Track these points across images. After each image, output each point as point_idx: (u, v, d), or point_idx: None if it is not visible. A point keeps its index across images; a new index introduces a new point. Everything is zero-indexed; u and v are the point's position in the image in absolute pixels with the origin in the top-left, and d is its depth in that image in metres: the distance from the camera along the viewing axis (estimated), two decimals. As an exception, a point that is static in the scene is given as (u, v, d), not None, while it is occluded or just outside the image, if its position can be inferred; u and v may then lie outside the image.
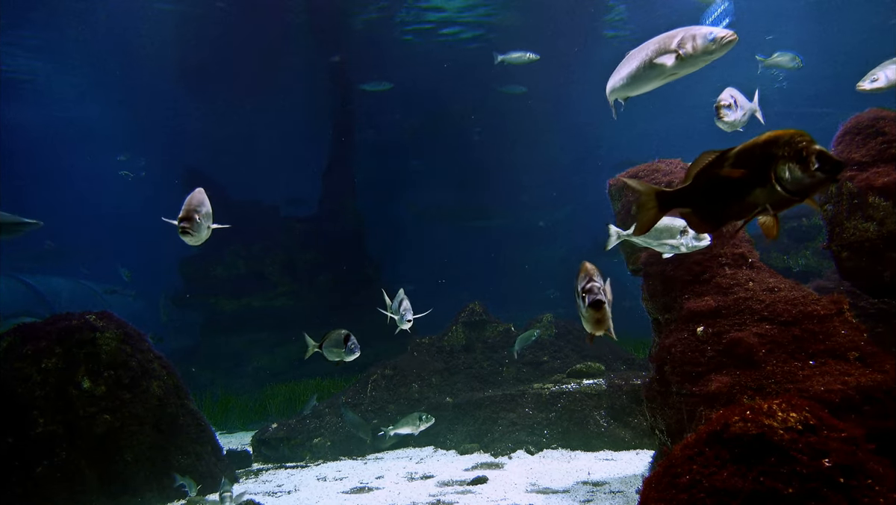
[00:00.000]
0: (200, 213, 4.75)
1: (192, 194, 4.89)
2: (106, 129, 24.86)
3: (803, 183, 2.51)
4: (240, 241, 18.04)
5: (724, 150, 2.77)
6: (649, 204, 3.09)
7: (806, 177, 2.49)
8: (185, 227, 4.65)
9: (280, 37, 18.30)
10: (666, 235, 4.46)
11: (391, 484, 7.33)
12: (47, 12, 15.84)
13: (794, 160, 2.51)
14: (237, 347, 17.09)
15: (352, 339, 5.81)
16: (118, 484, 6.80)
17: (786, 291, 4.63)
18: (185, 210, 4.73)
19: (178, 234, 4.73)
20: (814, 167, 2.47)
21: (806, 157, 2.48)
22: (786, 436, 2.77)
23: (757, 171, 2.62)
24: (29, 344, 6.89)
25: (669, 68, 4.04)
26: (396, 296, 5.85)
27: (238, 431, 12.38)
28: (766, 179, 2.58)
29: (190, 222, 4.66)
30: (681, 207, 3.02)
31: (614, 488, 6.25)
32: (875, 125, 5.04)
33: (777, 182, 2.56)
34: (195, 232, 4.70)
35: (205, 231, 4.81)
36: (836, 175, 2.46)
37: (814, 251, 11.10)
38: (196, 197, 4.85)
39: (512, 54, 13.38)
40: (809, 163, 2.47)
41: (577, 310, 3.56)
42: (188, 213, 4.70)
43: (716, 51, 3.90)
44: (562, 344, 10.76)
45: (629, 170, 6.39)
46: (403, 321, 5.69)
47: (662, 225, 4.43)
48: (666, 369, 4.73)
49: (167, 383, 7.48)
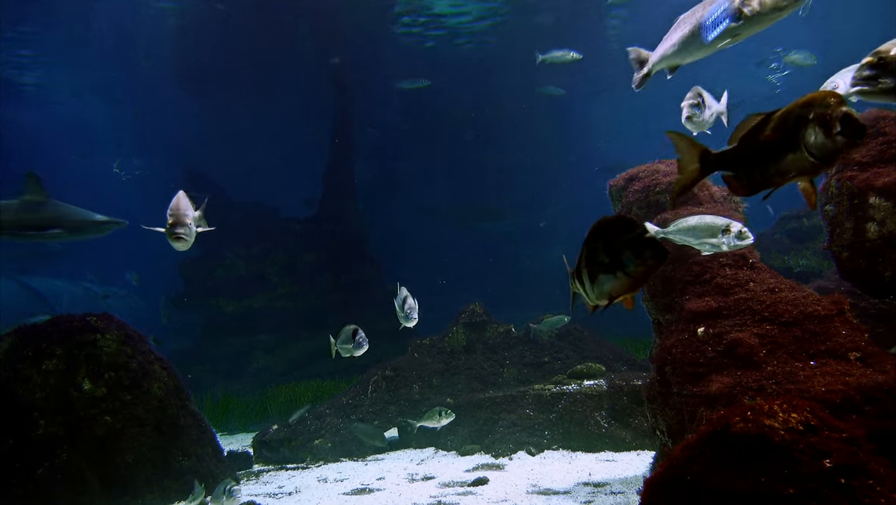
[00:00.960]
0: (190, 218, 4.70)
1: (178, 199, 4.79)
2: (105, 129, 24.88)
3: (826, 148, 2.41)
4: (240, 243, 18.05)
5: (770, 112, 2.66)
6: (691, 165, 2.90)
7: (828, 141, 2.39)
8: (180, 233, 4.61)
9: (280, 38, 18.33)
10: (707, 234, 4.32)
11: (392, 485, 7.33)
12: (46, 12, 15.86)
13: (819, 123, 2.41)
14: (238, 349, 17.09)
15: (360, 333, 5.83)
16: (119, 485, 6.80)
17: (786, 291, 4.63)
18: (175, 216, 4.66)
19: (169, 240, 4.67)
20: (836, 131, 2.36)
21: (830, 121, 2.38)
22: (787, 436, 2.77)
23: (790, 135, 2.51)
24: (30, 346, 6.89)
25: (730, 30, 3.48)
26: (399, 293, 5.83)
27: (239, 433, 12.38)
28: (797, 144, 2.48)
29: (184, 228, 4.62)
30: (723, 170, 2.87)
31: (615, 489, 6.25)
32: (875, 125, 5.04)
33: (804, 147, 2.46)
34: (189, 237, 4.65)
35: (193, 236, 4.76)
36: (858, 140, 2.35)
37: (814, 252, 11.10)
38: (182, 202, 4.78)
39: (554, 53, 13.16)
40: (833, 126, 2.37)
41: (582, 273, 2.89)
42: (180, 219, 4.64)
43: (787, 6, 3.35)
44: (562, 345, 10.76)
45: (629, 171, 6.39)
46: (409, 319, 5.67)
47: (703, 224, 4.32)
48: (667, 370, 4.73)
49: (168, 385, 7.48)
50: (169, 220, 4.69)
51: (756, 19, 3.42)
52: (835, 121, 2.38)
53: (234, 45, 18.33)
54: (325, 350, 6.33)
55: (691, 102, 4.85)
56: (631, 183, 6.19)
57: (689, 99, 4.86)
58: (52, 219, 8.10)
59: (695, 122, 4.83)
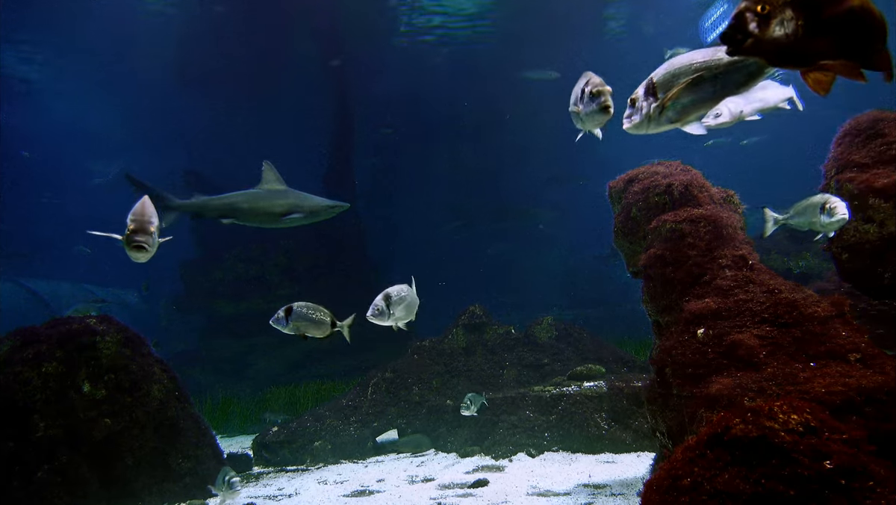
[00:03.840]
0: (154, 226, 4.18)
1: (142, 203, 4.27)
2: (105, 131, 24.88)
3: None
4: (240, 244, 18.03)
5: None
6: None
7: None
8: (141, 241, 4.06)
9: (280, 40, 18.35)
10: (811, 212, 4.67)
11: (392, 487, 7.32)
12: (45, 12, 15.87)
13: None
14: (237, 351, 17.08)
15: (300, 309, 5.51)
16: (119, 488, 6.80)
17: (786, 292, 4.63)
18: (138, 222, 4.11)
19: (126, 249, 4.12)
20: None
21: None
22: (787, 438, 2.77)
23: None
24: (29, 348, 6.89)
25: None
26: (391, 293, 5.53)
27: (238, 435, 12.37)
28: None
29: (146, 236, 4.08)
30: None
31: (615, 491, 6.25)
32: (875, 127, 5.05)
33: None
34: (150, 247, 4.13)
35: (156, 246, 4.24)
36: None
37: (814, 253, 11.10)
38: (147, 207, 4.25)
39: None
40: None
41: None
42: (142, 225, 4.09)
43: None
44: (562, 346, 10.76)
45: (628, 172, 6.39)
46: (384, 316, 5.36)
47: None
48: (666, 371, 4.73)
49: (167, 387, 7.48)
50: (129, 225, 4.13)
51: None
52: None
53: (234, 46, 18.34)
54: (325, 351, 6.29)
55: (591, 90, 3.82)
56: (630, 185, 6.19)
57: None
58: (294, 205, 8.87)
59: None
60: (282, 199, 8.91)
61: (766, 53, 2.36)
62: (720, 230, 5.18)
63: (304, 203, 8.94)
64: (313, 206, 8.95)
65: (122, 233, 4.20)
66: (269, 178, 9.10)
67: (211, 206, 9.11)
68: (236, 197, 9.10)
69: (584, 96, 3.82)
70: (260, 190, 9.06)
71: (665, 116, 3.35)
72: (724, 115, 5.22)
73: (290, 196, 8.98)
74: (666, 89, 3.28)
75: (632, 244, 6.08)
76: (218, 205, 9.08)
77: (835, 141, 5.36)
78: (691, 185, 5.75)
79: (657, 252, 5.32)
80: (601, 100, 3.73)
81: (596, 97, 3.75)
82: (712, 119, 5.16)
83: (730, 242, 5.14)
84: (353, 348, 16.05)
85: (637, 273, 5.86)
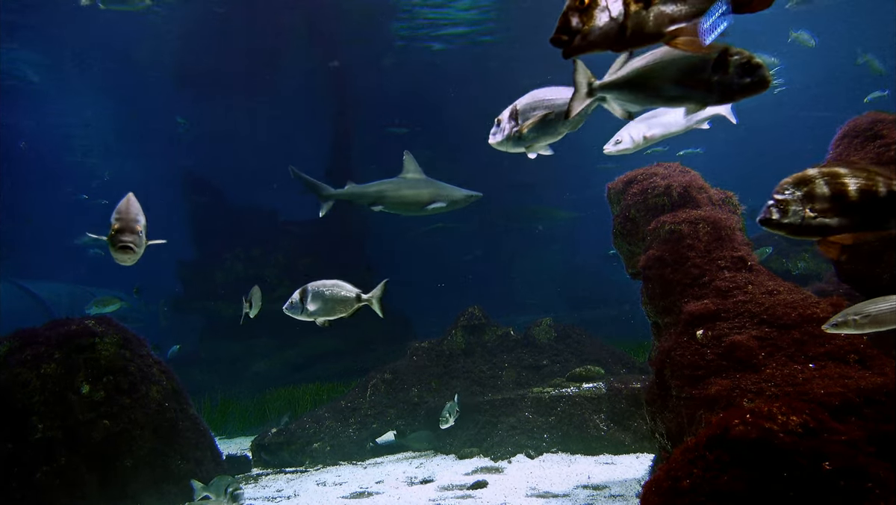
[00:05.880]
0: (141, 225, 3.86)
1: (128, 201, 3.94)
2: (104, 132, 24.87)
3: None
4: (239, 246, 18.02)
5: None
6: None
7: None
8: (127, 241, 3.74)
9: (279, 41, 18.34)
10: None
11: (391, 489, 7.31)
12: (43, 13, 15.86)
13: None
14: (236, 352, 17.05)
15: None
16: (117, 489, 6.78)
17: (785, 293, 4.64)
18: (123, 221, 3.79)
19: (111, 251, 3.81)
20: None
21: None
22: (786, 439, 2.77)
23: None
24: (28, 349, 6.88)
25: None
26: (309, 289, 5.10)
27: (237, 436, 12.36)
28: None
29: (132, 235, 3.77)
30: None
31: (615, 492, 6.25)
32: (873, 128, 5.05)
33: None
34: (138, 248, 3.82)
35: (143, 247, 3.91)
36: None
37: (813, 254, 11.10)
38: (133, 205, 3.93)
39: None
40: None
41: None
42: (128, 225, 3.78)
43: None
44: (561, 347, 10.76)
45: (627, 174, 6.40)
46: (297, 310, 4.90)
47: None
48: (666, 373, 4.73)
49: (166, 388, 7.46)
50: (114, 224, 3.80)
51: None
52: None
53: (233, 47, 18.33)
54: (325, 353, 6.26)
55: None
56: (629, 186, 6.20)
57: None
58: (436, 194, 9.24)
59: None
60: (424, 188, 9.29)
61: (596, 45, 2.32)
62: (719, 231, 5.18)
63: (445, 193, 9.30)
64: (454, 196, 9.28)
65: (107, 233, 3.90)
66: (409, 167, 9.46)
67: (361, 195, 9.60)
68: (384, 186, 9.48)
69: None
70: (403, 179, 9.43)
71: (522, 140, 3.91)
72: (624, 142, 5.24)
73: (431, 186, 9.34)
74: (525, 118, 3.85)
75: (631, 246, 6.09)
76: (367, 193, 9.52)
77: (833, 142, 5.36)
78: (690, 187, 5.75)
79: (656, 253, 5.33)
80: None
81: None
82: (612, 146, 5.26)
83: (729, 244, 5.15)
84: (353, 350, 16.10)
85: (636, 274, 5.86)
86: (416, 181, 9.39)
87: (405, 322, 17.41)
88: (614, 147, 5.32)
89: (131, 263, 3.90)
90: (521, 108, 3.86)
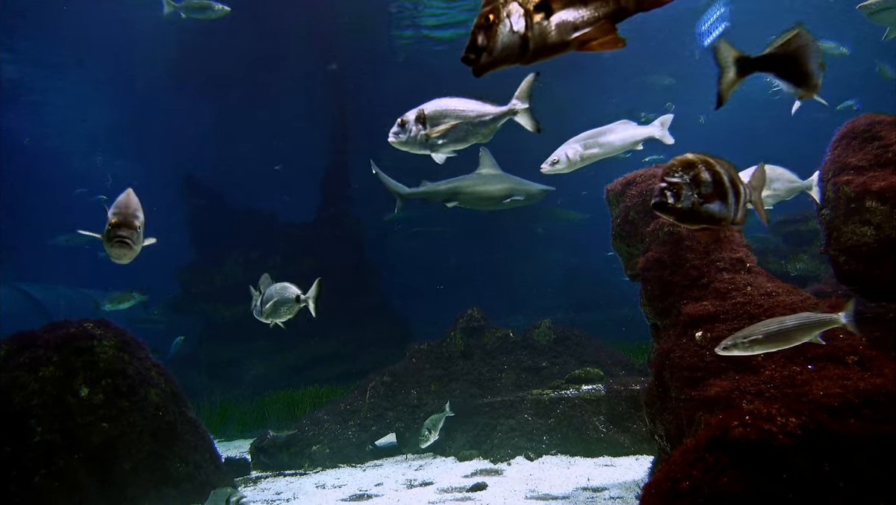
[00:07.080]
0: (140, 221, 3.74)
1: (127, 195, 3.81)
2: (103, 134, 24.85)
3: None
4: (238, 249, 18.00)
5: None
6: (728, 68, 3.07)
7: None
8: (124, 236, 3.61)
9: (278, 43, 18.35)
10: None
11: (390, 491, 7.30)
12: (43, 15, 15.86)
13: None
14: (235, 355, 17.02)
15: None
16: (116, 492, 6.77)
17: (784, 295, 4.64)
18: (121, 215, 3.65)
19: (106, 247, 3.67)
20: None
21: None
22: (785, 440, 2.77)
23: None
24: (27, 352, 6.86)
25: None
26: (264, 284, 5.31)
27: (236, 439, 12.34)
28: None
29: (129, 230, 3.63)
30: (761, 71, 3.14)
31: (614, 494, 6.24)
32: (871, 129, 5.06)
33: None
34: (135, 245, 3.69)
35: (140, 245, 3.78)
36: None
37: (811, 255, 11.11)
38: (132, 200, 3.79)
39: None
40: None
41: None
42: (126, 220, 3.64)
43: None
44: (560, 349, 10.75)
45: (626, 175, 6.40)
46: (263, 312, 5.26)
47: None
48: (665, 374, 4.73)
49: (165, 391, 7.45)
50: (111, 219, 3.64)
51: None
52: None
53: (233, 50, 18.34)
54: (324, 355, 6.23)
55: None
56: (628, 188, 6.20)
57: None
58: (512, 189, 9.34)
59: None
60: (500, 183, 9.35)
61: (502, 60, 2.28)
62: (718, 233, 5.18)
63: (520, 187, 9.40)
64: (529, 191, 9.41)
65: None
66: (485, 162, 9.52)
67: (436, 192, 9.60)
68: (459, 182, 9.51)
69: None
70: (478, 175, 9.49)
71: (428, 143, 4.12)
72: (561, 163, 5.26)
73: (506, 180, 9.42)
74: (434, 123, 4.06)
75: (630, 247, 6.09)
76: (443, 190, 9.53)
77: (832, 144, 5.37)
78: (689, 188, 5.74)
79: (655, 255, 5.33)
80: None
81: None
82: (548, 166, 5.31)
83: (727, 245, 5.15)
84: (352, 352, 16.08)
85: (635, 276, 5.86)
86: (492, 177, 9.44)
87: (404, 324, 17.40)
88: (549, 168, 5.38)
89: (127, 261, 3.76)
90: (429, 114, 4.05)
